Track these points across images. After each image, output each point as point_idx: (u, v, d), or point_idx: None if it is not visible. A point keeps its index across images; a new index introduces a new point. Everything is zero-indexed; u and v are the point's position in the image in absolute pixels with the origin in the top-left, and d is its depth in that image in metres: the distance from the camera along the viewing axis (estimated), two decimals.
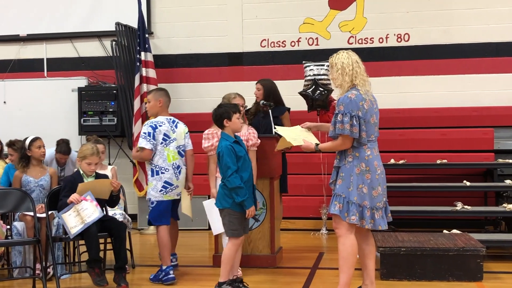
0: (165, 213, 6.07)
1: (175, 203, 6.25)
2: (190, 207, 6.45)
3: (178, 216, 6.41)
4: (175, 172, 6.10)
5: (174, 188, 6.11)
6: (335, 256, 5.02)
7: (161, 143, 6.07)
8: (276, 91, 7.29)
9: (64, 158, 7.08)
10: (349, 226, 4.90)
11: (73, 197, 5.59)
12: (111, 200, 5.89)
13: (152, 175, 6.08)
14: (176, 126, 6.22)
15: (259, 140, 6.18)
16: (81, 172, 5.84)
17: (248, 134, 6.10)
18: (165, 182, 6.06)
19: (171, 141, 6.13)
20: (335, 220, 4.98)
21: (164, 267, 5.98)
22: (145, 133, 6.05)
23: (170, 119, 6.23)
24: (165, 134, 6.10)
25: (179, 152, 6.17)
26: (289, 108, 7.35)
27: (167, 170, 6.06)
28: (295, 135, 5.41)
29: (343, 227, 4.92)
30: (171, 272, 5.95)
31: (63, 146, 6.99)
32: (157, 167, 6.06)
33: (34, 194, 6.16)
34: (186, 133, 6.30)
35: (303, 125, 5.51)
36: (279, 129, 5.56)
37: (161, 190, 6.05)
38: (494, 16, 9.04)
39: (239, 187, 5.14)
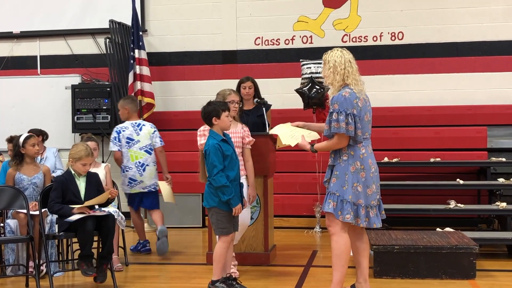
0: (133, 201, 7.23)
1: (144, 195, 7.16)
2: (171, 194, 7.30)
3: (152, 205, 7.23)
4: (139, 169, 7.07)
5: (138, 183, 7.10)
6: (329, 254, 5.03)
7: (125, 145, 7.09)
8: None
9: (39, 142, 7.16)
10: (342, 225, 4.91)
11: (84, 210, 5.62)
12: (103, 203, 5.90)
13: (122, 172, 7.16)
14: (140, 129, 7.14)
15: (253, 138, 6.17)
16: (73, 172, 5.81)
17: (243, 132, 6.09)
18: (130, 178, 7.09)
19: (135, 143, 7.10)
20: (329, 218, 4.98)
21: (141, 241, 7.29)
22: (112, 138, 7.15)
23: (135, 123, 7.18)
24: (128, 138, 7.09)
25: (146, 151, 7.10)
26: (271, 105, 7.30)
27: (130, 168, 7.08)
28: (291, 133, 5.40)
29: (336, 225, 4.92)
30: (148, 244, 7.25)
31: (34, 130, 7.22)
32: (123, 165, 7.12)
33: (27, 192, 6.13)
34: (153, 133, 7.17)
35: (293, 124, 5.50)
36: (275, 130, 5.55)
37: (127, 185, 7.11)
38: (488, 15, 9.06)
39: (224, 186, 5.13)
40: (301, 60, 8.36)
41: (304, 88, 8.00)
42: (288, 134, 5.37)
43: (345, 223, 4.90)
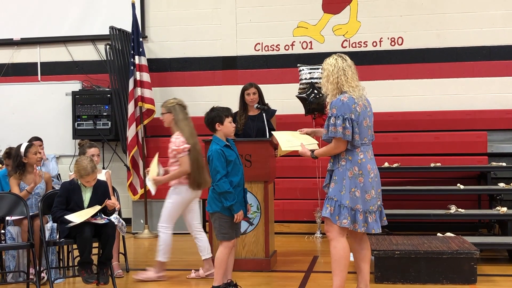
0: None
1: None
2: None
3: None
4: None
5: None
6: (329, 259, 5.03)
7: None
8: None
9: (41, 147, 7.09)
10: (340, 229, 4.91)
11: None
12: (105, 212, 5.88)
13: None
14: None
15: (181, 146, 6.07)
16: (79, 182, 5.79)
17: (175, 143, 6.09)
18: None
19: None
20: (327, 223, 4.99)
21: None
22: None
23: None
24: None
25: None
26: (276, 110, 7.33)
27: None
28: (291, 139, 5.40)
29: (334, 231, 4.93)
30: None
31: (33, 138, 7.12)
32: None
33: (29, 202, 6.11)
34: None
35: (300, 131, 5.51)
36: (275, 134, 5.55)
37: None
38: (487, 20, 9.08)
39: (227, 192, 5.14)
40: (298, 65, 8.39)
41: (304, 94, 8.03)
42: (287, 139, 5.36)
43: (343, 228, 4.91)
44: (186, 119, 6.23)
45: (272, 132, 5.61)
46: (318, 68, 7.96)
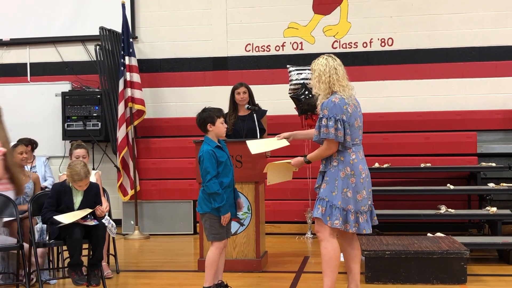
0: None
1: None
2: None
3: None
4: None
5: None
6: (320, 260, 5.03)
7: None
8: None
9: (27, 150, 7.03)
10: (331, 230, 4.92)
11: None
12: (95, 214, 5.84)
13: None
14: None
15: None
16: (70, 184, 5.76)
17: None
18: None
19: None
20: (318, 223, 4.99)
21: None
22: None
23: None
24: None
25: None
26: (267, 110, 7.34)
27: None
28: (268, 146, 5.44)
29: (325, 231, 4.93)
30: None
31: (24, 140, 7.04)
32: None
33: (17, 202, 6.08)
34: None
35: (278, 137, 5.49)
36: (249, 144, 5.53)
37: None
38: (476, 21, 9.12)
39: (216, 193, 5.14)
40: (288, 66, 8.40)
41: (296, 94, 8.06)
42: (257, 148, 5.43)
43: (334, 229, 4.91)
44: (0, 123, 6.06)
45: (247, 142, 5.58)
46: (302, 69, 7.99)
